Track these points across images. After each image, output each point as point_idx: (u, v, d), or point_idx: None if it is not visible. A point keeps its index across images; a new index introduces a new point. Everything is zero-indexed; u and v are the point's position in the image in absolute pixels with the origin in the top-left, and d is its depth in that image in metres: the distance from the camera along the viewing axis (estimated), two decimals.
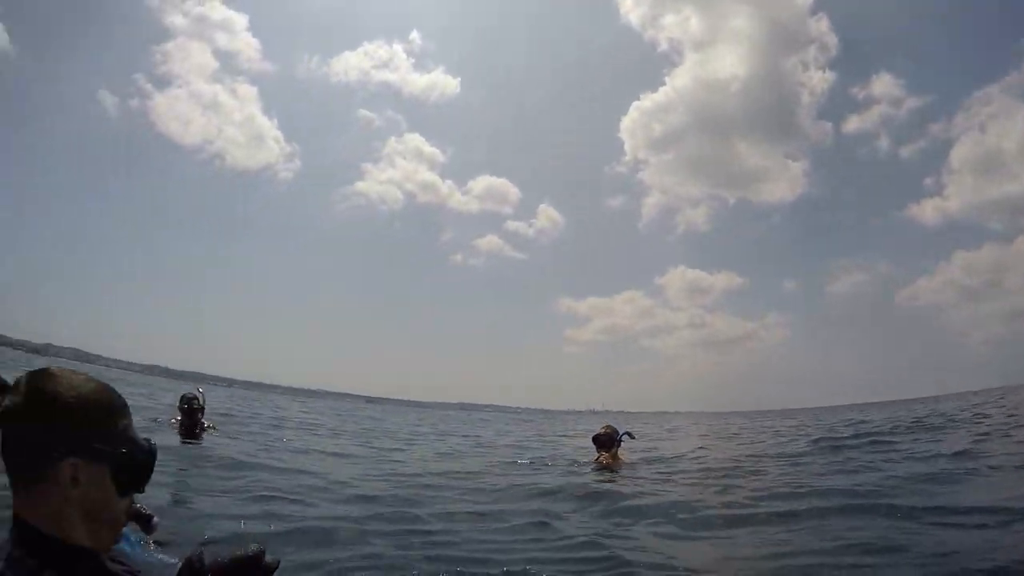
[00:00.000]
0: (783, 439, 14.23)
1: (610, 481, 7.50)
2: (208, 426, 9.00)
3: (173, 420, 8.90)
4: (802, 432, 16.19)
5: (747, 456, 11.01)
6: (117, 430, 1.34)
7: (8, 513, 1.27)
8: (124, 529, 1.46)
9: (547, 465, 9.39)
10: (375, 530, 4.58)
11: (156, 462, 1.40)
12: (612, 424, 8.74)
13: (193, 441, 8.23)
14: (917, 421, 15.45)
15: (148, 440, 1.40)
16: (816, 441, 12.08)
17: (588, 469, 8.36)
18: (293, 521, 4.67)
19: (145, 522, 2.15)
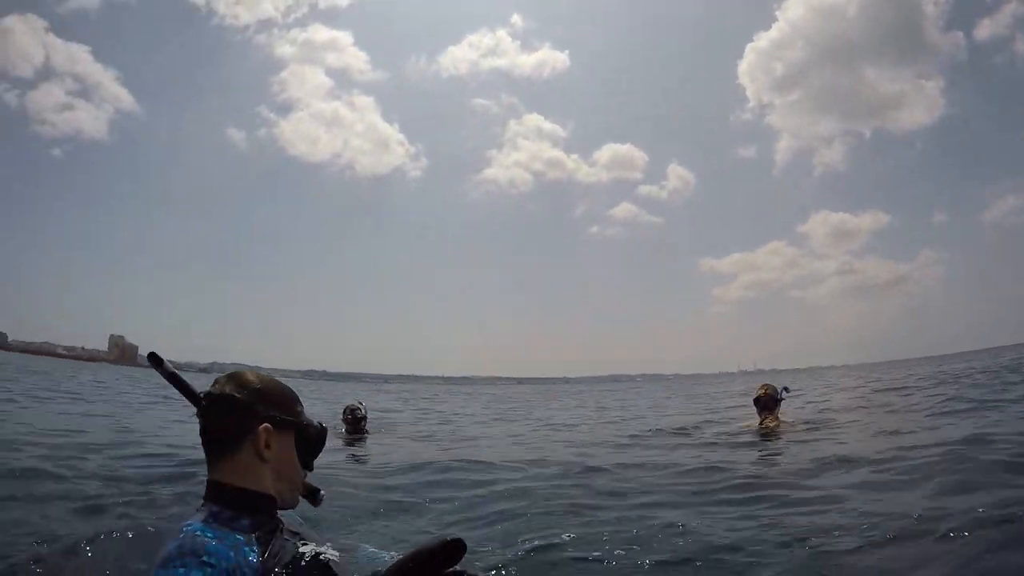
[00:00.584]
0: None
1: (776, 450, 6.54)
2: (371, 432, 8.51)
3: (339, 432, 8.47)
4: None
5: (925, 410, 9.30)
6: (297, 410, 1.66)
7: None
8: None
9: (714, 433, 8.16)
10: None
11: (325, 446, 1.69)
12: (769, 383, 7.93)
13: (359, 447, 7.66)
14: None
15: (320, 423, 1.69)
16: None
17: (752, 435, 7.43)
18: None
19: (312, 495, 1.79)
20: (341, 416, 8.40)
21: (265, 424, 1.55)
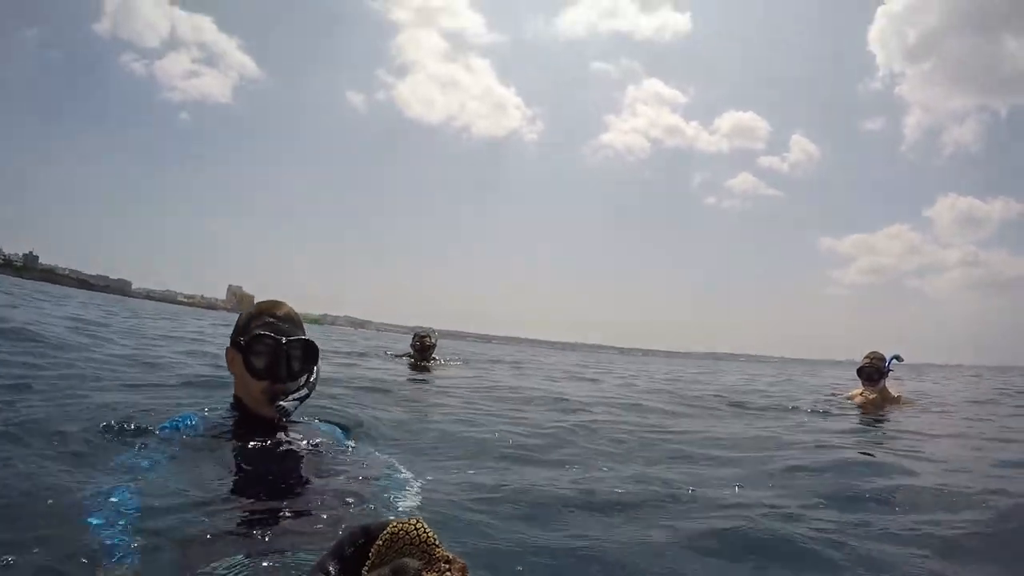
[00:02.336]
0: None
1: (878, 421, 5.92)
2: (441, 362, 9.09)
3: (406, 356, 9.12)
4: None
5: None
6: (250, 330, 2.07)
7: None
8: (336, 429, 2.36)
9: (794, 409, 6.84)
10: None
11: (284, 358, 2.04)
12: (876, 351, 6.84)
13: (420, 373, 8.15)
14: None
15: (280, 339, 2.04)
16: None
17: (849, 409, 6.67)
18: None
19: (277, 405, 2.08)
20: (410, 343, 9.03)
21: (228, 347, 2.14)
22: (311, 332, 2.07)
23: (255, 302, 2.23)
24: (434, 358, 8.86)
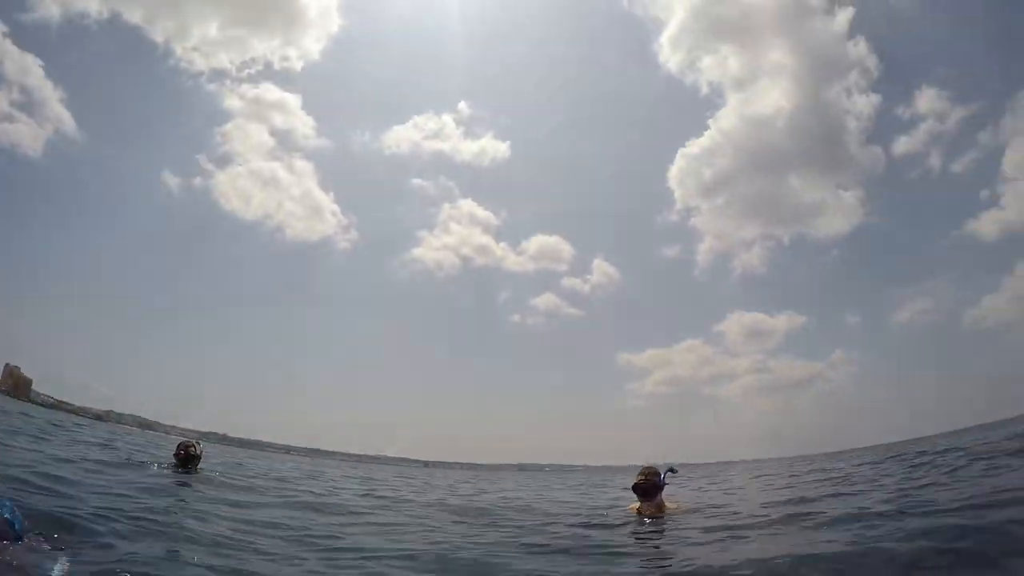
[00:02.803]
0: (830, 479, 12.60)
1: (646, 534, 6.20)
2: (202, 473, 8.87)
3: (166, 465, 8.81)
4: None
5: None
6: None
7: None
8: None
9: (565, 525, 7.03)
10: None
11: None
12: (652, 466, 6.93)
13: (178, 479, 7.93)
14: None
15: None
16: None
17: (619, 522, 6.77)
18: None
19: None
20: (173, 452, 8.75)
21: None
22: (93, 430, 2.10)
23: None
24: (197, 470, 8.64)
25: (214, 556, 4.22)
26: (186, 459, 8.42)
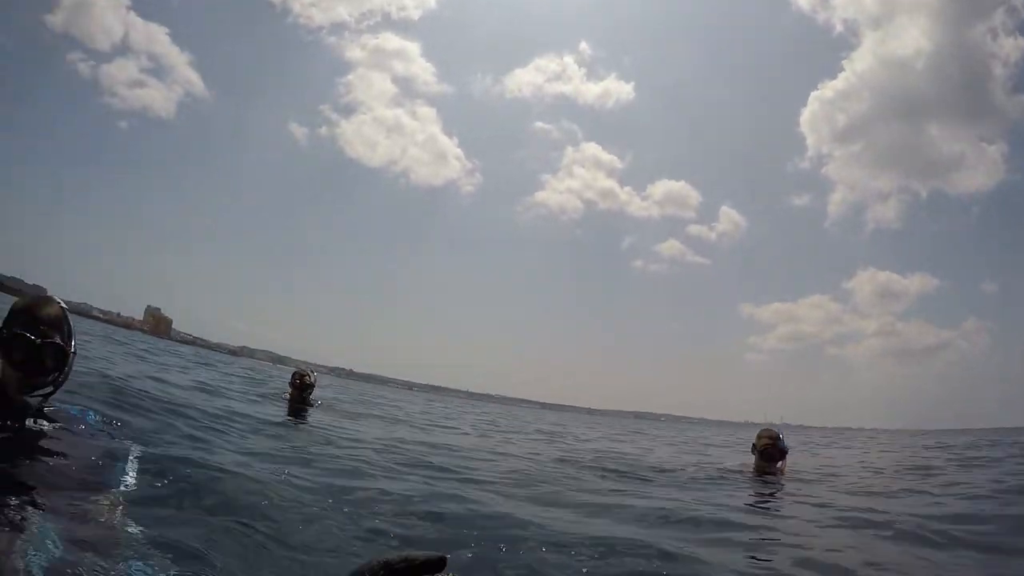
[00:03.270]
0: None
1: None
2: (319, 403, 8.69)
3: (285, 395, 8.69)
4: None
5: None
6: (11, 325, 2.27)
7: None
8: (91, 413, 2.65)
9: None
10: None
11: (38, 357, 2.27)
12: (771, 428, 6.75)
13: (296, 418, 7.75)
14: None
15: (35, 340, 2.26)
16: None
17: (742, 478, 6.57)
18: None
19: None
20: (289, 380, 8.60)
21: None
22: (228, 365, 2.02)
23: (30, 300, 2.41)
24: (312, 400, 8.47)
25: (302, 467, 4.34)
26: (301, 387, 8.20)
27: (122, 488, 2.28)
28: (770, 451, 6.42)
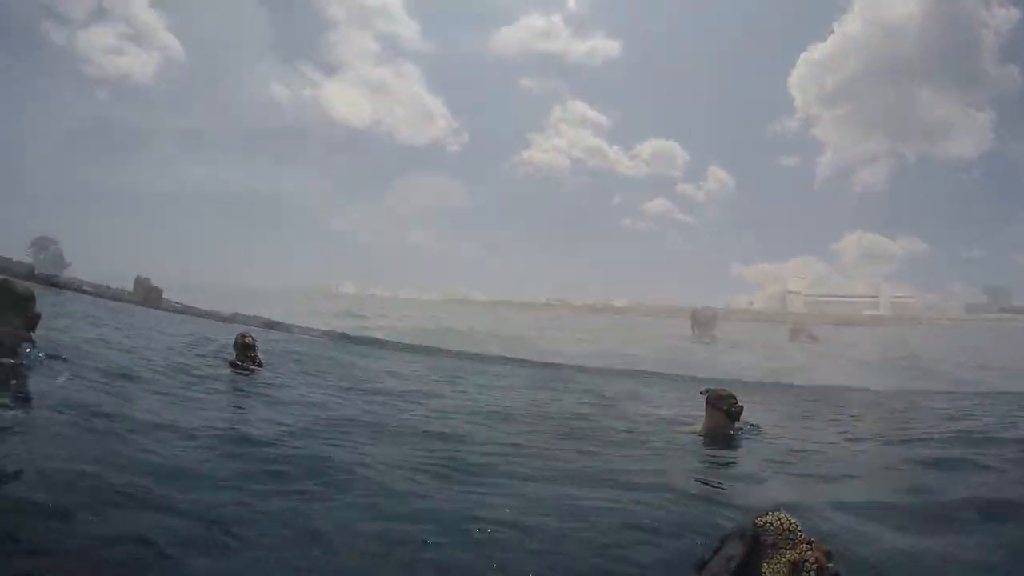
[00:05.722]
0: None
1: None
2: (263, 362, 9.05)
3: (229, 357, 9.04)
4: None
5: None
6: None
7: None
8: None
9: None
10: None
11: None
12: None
13: (235, 371, 8.33)
14: None
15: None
16: None
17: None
18: None
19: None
20: (233, 342, 9.02)
21: None
22: (220, 331, 2.68)
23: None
24: (256, 357, 8.86)
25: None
26: (243, 347, 8.61)
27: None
28: (739, 412, 6.60)
